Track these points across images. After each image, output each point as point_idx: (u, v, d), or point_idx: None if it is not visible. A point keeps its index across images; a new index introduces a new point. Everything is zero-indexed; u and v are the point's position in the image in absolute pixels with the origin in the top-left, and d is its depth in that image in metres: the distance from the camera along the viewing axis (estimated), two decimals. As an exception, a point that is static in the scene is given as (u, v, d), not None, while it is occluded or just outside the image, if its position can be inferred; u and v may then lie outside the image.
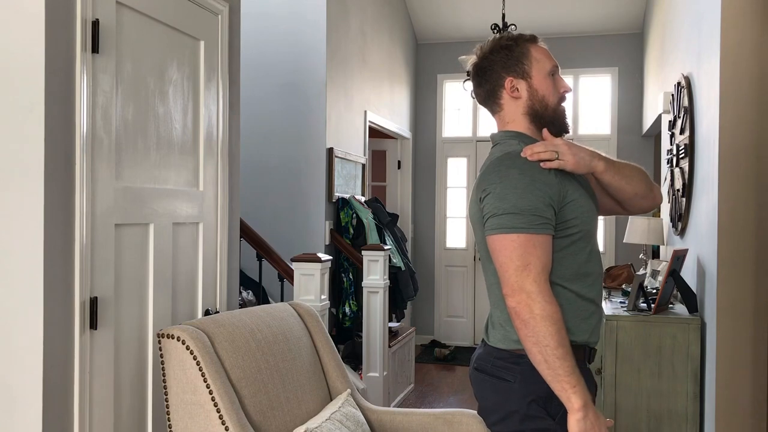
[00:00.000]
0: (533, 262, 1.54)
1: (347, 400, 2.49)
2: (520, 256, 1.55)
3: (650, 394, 3.22)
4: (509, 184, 1.58)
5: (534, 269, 1.54)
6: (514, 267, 1.54)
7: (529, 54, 1.73)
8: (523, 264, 1.54)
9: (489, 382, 1.69)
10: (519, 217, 1.56)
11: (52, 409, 1.87)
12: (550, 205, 1.58)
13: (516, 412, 1.62)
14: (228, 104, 2.75)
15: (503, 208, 1.57)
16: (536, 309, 1.51)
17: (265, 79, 5.04)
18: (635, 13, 6.52)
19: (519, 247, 1.55)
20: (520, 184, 1.58)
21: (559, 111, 1.75)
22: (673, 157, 4.06)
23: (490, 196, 1.61)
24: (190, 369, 2.04)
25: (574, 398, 1.50)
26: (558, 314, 1.53)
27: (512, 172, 1.60)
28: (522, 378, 1.61)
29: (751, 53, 2.73)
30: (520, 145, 1.68)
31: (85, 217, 1.96)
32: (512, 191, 1.57)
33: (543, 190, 1.58)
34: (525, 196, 1.57)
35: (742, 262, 2.75)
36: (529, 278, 1.53)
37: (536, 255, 1.55)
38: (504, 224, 1.57)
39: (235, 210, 2.85)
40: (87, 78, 1.96)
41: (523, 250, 1.55)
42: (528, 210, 1.56)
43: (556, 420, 1.58)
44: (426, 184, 7.37)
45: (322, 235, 4.91)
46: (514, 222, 1.56)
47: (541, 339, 1.51)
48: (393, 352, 4.94)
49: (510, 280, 1.55)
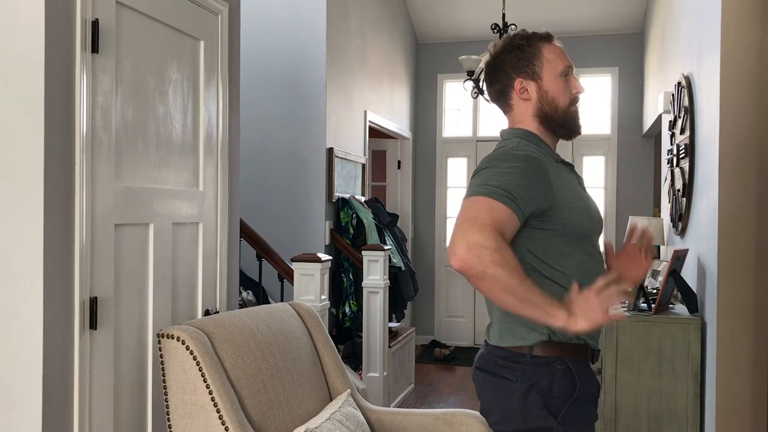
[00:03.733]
0: (482, 216, 1.46)
1: (347, 401, 2.49)
2: (469, 212, 1.48)
3: (650, 394, 3.22)
4: (499, 170, 1.57)
5: (480, 221, 1.45)
6: (460, 221, 1.47)
7: (540, 54, 1.71)
8: (470, 217, 1.46)
9: (491, 382, 1.68)
10: (486, 188, 1.52)
11: (52, 409, 1.87)
12: (531, 198, 1.55)
13: (518, 411, 1.61)
14: (228, 104, 2.75)
15: (478, 183, 1.55)
16: (486, 256, 1.41)
17: (265, 80, 5.04)
18: (635, 13, 6.52)
19: (472, 205, 1.50)
20: (510, 173, 1.56)
21: (570, 113, 1.73)
22: (674, 157, 4.06)
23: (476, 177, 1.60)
24: (190, 369, 2.04)
25: (558, 314, 1.45)
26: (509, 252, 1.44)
27: (506, 164, 1.59)
28: (523, 377, 1.61)
29: (751, 53, 2.73)
30: (521, 144, 1.68)
31: (84, 217, 1.96)
32: (498, 175, 1.55)
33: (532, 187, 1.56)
34: (497, 177, 1.54)
35: (742, 262, 2.74)
36: (472, 228, 1.44)
37: (489, 214, 1.47)
38: (469, 194, 1.54)
39: (235, 210, 2.84)
40: (87, 78, 1.96)
41: (477, 207, 1.49)
42: (496, 185, 1.52)
43: (557, 419, 1.58)
44: (426, 184, 7.37)
45: (322, 235, 4.91)
46: (478, 190, 1.52)
47: (505, 283, 1.42)
48: (393, 352, 4.93)
49: (454, 236, 1.45)
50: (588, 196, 1.76)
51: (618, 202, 6.80)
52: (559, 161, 1.72)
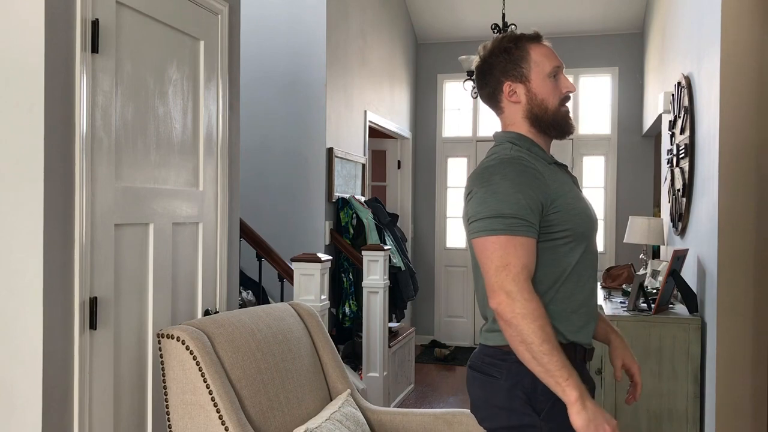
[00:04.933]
0: (513, 262, 1.55)
1: (347, 400, 2.49)
2: (500, 257, 1.56)
3: (650, 394, 3.22)
4: (490, 189, 1.60)
5: (513, 269, 1.54)
6: (494, 267, 1.55)
7: (528, 57, 1.71)
8: (502, 264, 1.55)
9: (478, 379, 1.70)
10: (499, 221, 1.57)
11: (52, 409, 1.87)
12: (533, 209, 1.58)
13: (502, 408, 1.63)
14: (228, 104, 2.75)
15: (484, 212, 1.59)
16: (517, 308, 1.51)
17: (265, 79, 5.04)
18: (635, 13, 6.52)
19: (499, 249, 1.56)
20: (501, 189, 1.59)
21: (560, 113, 1.73)
22: (674, 157, 4.06)
23: (473, 201, 1.63)
24: (189, 369, 2.04)
25: (568, 390, 1.49)
26: (540, 310, 1.52)
27: (495, 178, 1.61)
28: (508, 374, 1.62)
29: (751, 53, 2.73)
30: (513, 150, 1.69)
31: (84, 217, 1.96)
32: (492, 196, 1.59)
33: (526, 193, 1.58)
34: (506, 200, 1.58)
35: (742, 262, 2.74)
36: (508, 278, 1.53)
37: (516, 255, 1.55)
38: (484, 228, 1.58)
39: (235, 210, 2.84)
40: (87, 78, 1.96)
41: (503, 251, 1.56)
42: (509, 214, 1.57)
43: (541, 416, 1.59)
44: (426, 184, 7.37)
45: (322, 235, 4.91)
46: (494, 225, 1.57)
47: (525, 337, 1.51)
48: (393, 352, 4.93)
49: (490, 281, 1.56)
50: (584, 197, 1.77)
51: (618, 202, 6.80)
52: (552, 162, 1.72)
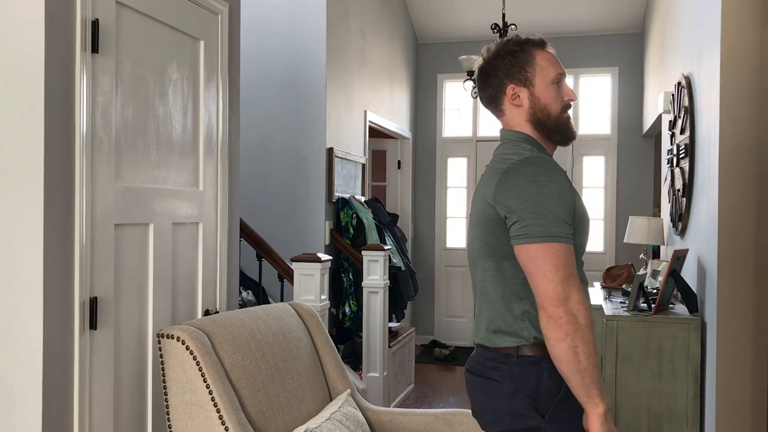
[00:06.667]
0: (574, 272, 1.54)
1: (347, 400, 2.49)
2: (565, 266, 1.53)
3: (650, 394, 3.22)
4: (545, 190, 1.56)
5: (575, 279, 1.54)
6: (560, 277, 1.52)
7: (533, 61, 1.71)
8: (567, 273, 1.53)
9: (479, 383, 1.69)
10: (561, 228, 1.55)
11: (52, 409, 1.87)
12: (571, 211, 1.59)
13: (506, 412, 1.62)
14: (228, 104, 2.75)
15: (542, 214, 1.54)
16: (581, 318, 1.51)
17: (265, 79, 5.04)
18: (635, 13, 6.52)
19: (563, 257, 1.53)
20: (554, 191, 1.56)
21: (562, 119, 1.72)
22: (674, 157, 4.06)
23: (521, 202, 1.56)
24: (189, 369, 2.04)
25: (600, 403, 1.52)
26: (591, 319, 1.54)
27: (541, 178, 1.57)
28: (510, 377, 1.62)
29: (751, 53, 2.73)
30: (533, 151, 1.67)
31: (84, 217, 1.96)
32: (548, 198, 1.55)
33: (567, 199, 1.58)
34: (559, 204, 1.56)
35: (742, 262, 2.74)
36: (574, 288, 1.52)
37: (573, 264, 1.56)
38: (545, 232, 1.53)
39: (235, 210, 2.84)
40: (87, 78, 1.96)
41: (566, 260, 1.54)
42: (562, 219, 1.55)
43: (545, 418, 1.59)
44: (426, 184, 7.37)
45: (322, 235, 4.91)
46: (557, 231, 1.54)
47: (584, 347, 1.50)
48: (393, 352, 4.93)
49: (556, 289, 1.51)
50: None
51: (618, 202, 6.80)
52: None
